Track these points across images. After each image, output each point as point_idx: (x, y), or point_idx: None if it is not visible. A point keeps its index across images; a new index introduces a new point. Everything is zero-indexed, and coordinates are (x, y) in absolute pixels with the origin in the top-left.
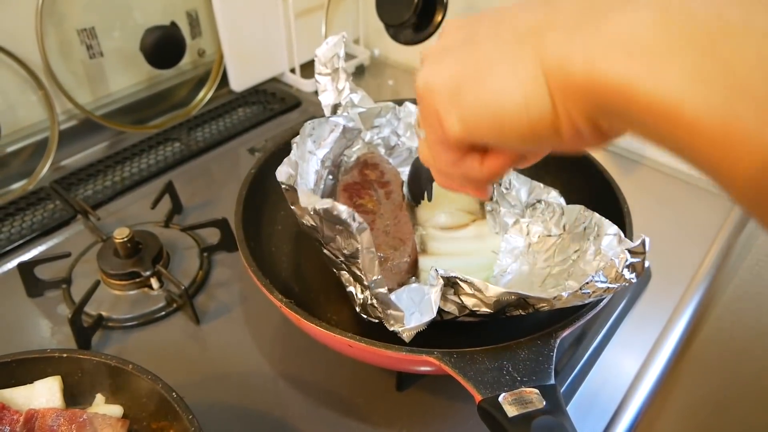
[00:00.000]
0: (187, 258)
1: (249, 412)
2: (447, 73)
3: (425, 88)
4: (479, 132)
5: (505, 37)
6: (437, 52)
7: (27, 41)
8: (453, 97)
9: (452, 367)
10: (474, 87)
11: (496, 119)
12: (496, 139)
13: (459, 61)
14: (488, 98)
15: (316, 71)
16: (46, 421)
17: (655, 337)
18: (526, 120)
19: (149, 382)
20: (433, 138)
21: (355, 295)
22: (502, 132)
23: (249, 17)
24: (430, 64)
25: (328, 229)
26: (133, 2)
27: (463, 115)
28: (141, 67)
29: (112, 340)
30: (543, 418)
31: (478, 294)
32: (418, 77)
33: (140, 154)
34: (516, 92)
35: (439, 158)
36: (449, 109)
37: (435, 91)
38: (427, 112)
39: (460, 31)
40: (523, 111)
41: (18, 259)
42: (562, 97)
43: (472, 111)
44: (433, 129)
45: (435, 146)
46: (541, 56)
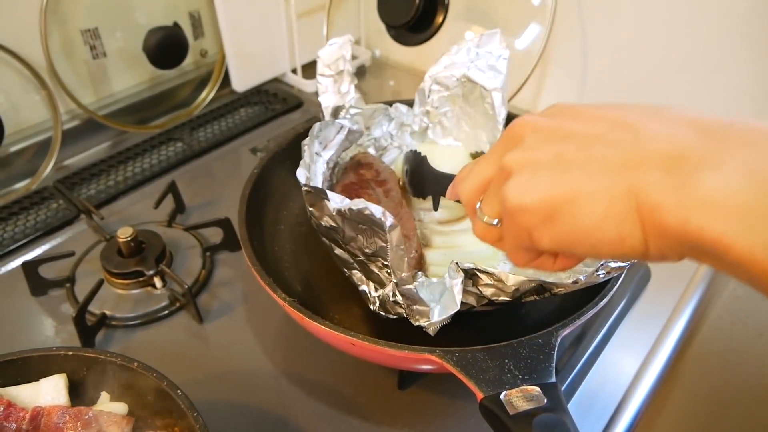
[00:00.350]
0: (190, 257)
1: (252, 410)
2: (540, 196)
3: (518, 207)
4: (572, 250)
5: (597, 166)
6: (526, 165)
7: (31, 41)
8: (547, 221)
9: (454, 365)
10: (569, 217)
11: (592, 246)
12: (588, 256)
13: (552, 185)
14: (584, 230)
15: (318, 72)
16: (52, 419)
17: (655, 336)
18: (620, 250)
19: (154, 380)
20: (516, 244)
21: (369, 293)
22: (596, 254)
23: (251, 18)
24: (521, 180)
25: (350, 230)
26: (136, 3)
27: (557, 237)
28: (144, 67)
29: (115, 339)
30: (545, 415)
31: (498, 284)
32: (509, 192)
33: (143, 154)
34: (611, 228)
35: (515, 256)
36: (543, 230)
37: (528, 212)
38: (517, 226)
39: (547, 144)
40: (617, 244)
41: (22, 258)
42: (654, 237)
43: (567, 236)
44: (519, 239)
45: (515, 249)
46: (636, 198)
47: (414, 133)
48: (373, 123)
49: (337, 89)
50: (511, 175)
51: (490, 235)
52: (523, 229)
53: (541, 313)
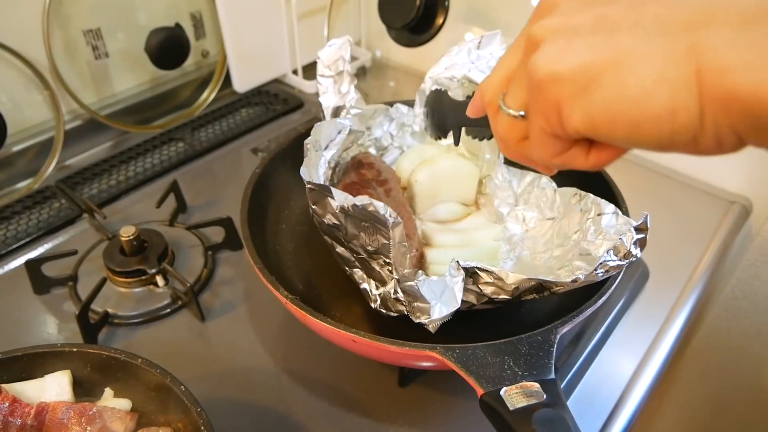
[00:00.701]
0: (192, 256)
1: (254, 407)
2: (578, 61)
3: (549, 75)
4: (608, 132)
5: (649, 27)
6: (559, 31)
7: (34, 42)
8: (583, 91)
9: (454, 361)
10: (612, 84)
11: (634, 122)
12: (625, 141)
13: (593, 49)
14: (629, 99)
15: (318, 73)
16: (57, 414)
17: (653, 335)
18: (669, 127)
19: (158, 376)
20: (543, 128)
21: (370, 291)
22: (637, 135)
23: (252, 19)
24: (554, 47)
25: (353, 227)
26: (138, 4)
27: (592, 113)
28: (145, 67)
29: (118, 337)
30: (544, 410)
31: (498, 282)
32: (538, 60)
33: (144, 154)
34: (664, 96)
35: (542, 147)
36: (576, 103)
37: (561, 80)
38: (545, 100)
39: (586, 8)
40: (667, 118)
41: (25, 256)
42: (716, 108)
43: (605, 110)
44: (547, 120)
45: (541, 135)
46: (697, 59)
47: (414, 133)
48: (374, 123)
49: (337, 89)
50: (540, 44)
51: (514, 133)
52: (551, 105)
53: (540, 310)
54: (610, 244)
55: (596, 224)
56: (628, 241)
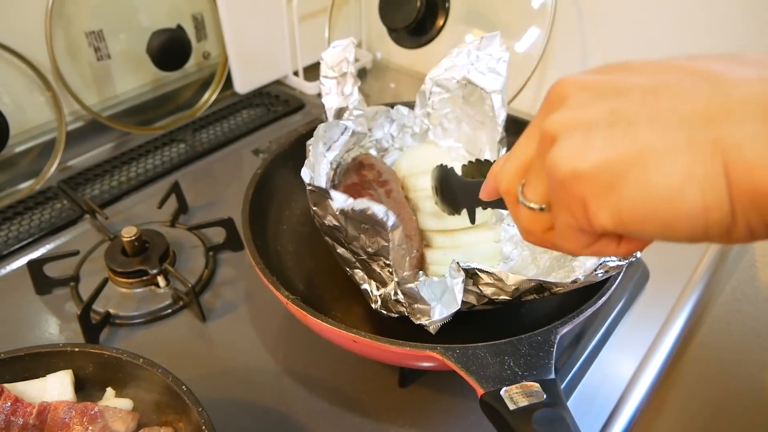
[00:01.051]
0: (193, 257)
1: (255, 406)
2: (600, 158)
3: (571, 173)
4: (638, 229)
5: (669, 121)
6: (576, 126)
7: (36, 44)
8: (609, 189)
9: (455, 362)
10: (639, 181)
11: (666, 220)
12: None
13: (613, 144)
14: (658, 197)
15: (321, 74)
16: (59, 414)
17: (653, 336)
18: (702, 224)
19: (159, 376)
20: (570, 224)
21: (371, 292)
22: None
23: (253, 20)
24: (572, 142)
25: (353, 229)
26: (140, 5)
27: (621, 212)
28: (147, 69)
29: (119, 337)
30: (544, 410)
31: (498, 283)
32: (557, 155)
33: (146, 155)
34: (694, 194)
35: (569, 241)
36: (603, 201)
37: (585, 178)
38: (569, 197)
39: (599, 101)
40: (700, 215)
41: (27, 257)
42: (746, 204)
43: (634, 208)
44: (573, 216)
45: (568, 232)
46: (723, 155)
47: (415, 134)
48: (375, 124)
49: (340, 91)
50: (556, 140)
51: (538, 225)
52: (577, 203)
53: (540, 311)
54: None
55: None
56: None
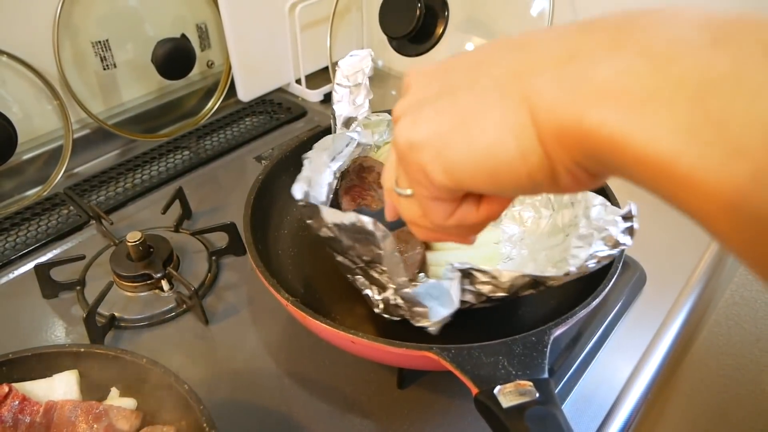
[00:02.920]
0: (197, 261)
1: (256, 407)
2: (429, 127)
3: (407, 145)
4: (472, 183)
5: (484, 84)
6: (411, 106)
7: (44, 53)
8: (440, 152)
9: (450, 361)
10: (462, 139)
11: (491, 171)
12: (491, 189)
13: (439, 112)
14: (480, 150)
15: (335, 81)
16: (65, 413)
17: (650, 338)
18: (524, 170)
19: (162, 376)
20: (425, 194)
21: (372, 297)
22: (498, 183)
23: (256, 30)
24: (407, 120)
25: (348, 239)
26: (145, 15)
27: (452, 169)
28: (152, 78)
29: (124, 340)
30: (536, 408)
31: (493, 281)
32: (397, 135)
33: (151, 162)
34: (509, 142)
35: (433, 213)
36: (436, 163)
37: (418, 148)
38: (413, 169)
39: (432, 82)
40: (519, 161)
41: (34, 261)
42: (555, 146)
43: (463, 164)
44: (422, 185)
45: (427, 202)
46: (528, 103)
47: None
48: (378, 131)
49: (352, 100)
50: (398, 120)
51: (414, 211)
52: (419, 171)
53: (535, 312)
54: (600, 235)
55: (587, 217)
56: (616, 231)
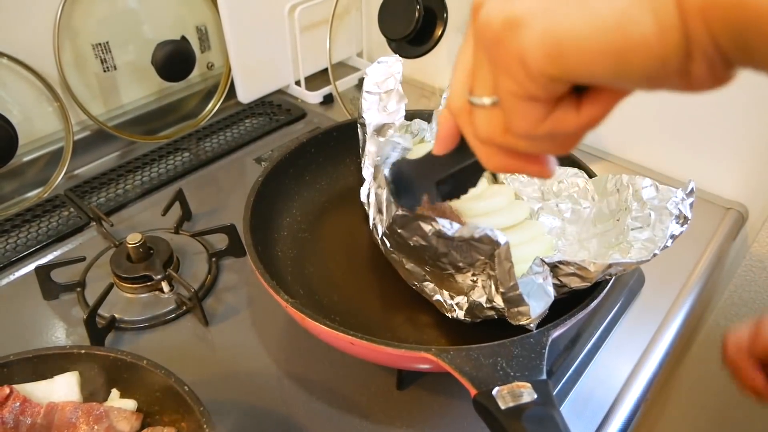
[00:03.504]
0: (197, 263)
1: (255, 409)
2: (532, 1)
3: (503, 23)
4: (589, 69)
5: None
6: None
7: (44, 55)
8: (548, 27)
9: (449, 363)
10: (579, 8)
11: (618, 51)
12: (611, 77)
13: None
14: (606, 24)
15: (364, 89)
16: (65, 414)
17: (648, 340)
18: (660, 51)
19: (162, 377)
20: (515, 90)
21: (444, 302)
22: (624, 67)
23: (256, 32)
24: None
25: (444, 247)
26: (145, 18)
27: (565, 49)
28: (152, 79)
29: (124, 341)
30: (534, 409)
31: (579, 272)
32: (485, 15)
33: (151, 164)
34: (645, 14)
35: (523, 117)
36: (542, 43)
37: (518, 25)
38: (506, 55)
39: None
40: (655, 38)
41: (34, 263)
42: (698, 22)
43: (580, 42)
44: (515, 78)
45: (516, 104)
46: None
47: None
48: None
49: (382, 107)
50: (484, 2)
51: (495, 126)
52: (514, 57)
53: None
54: (668, 213)
55: (638, 200)
56: (683, 207)
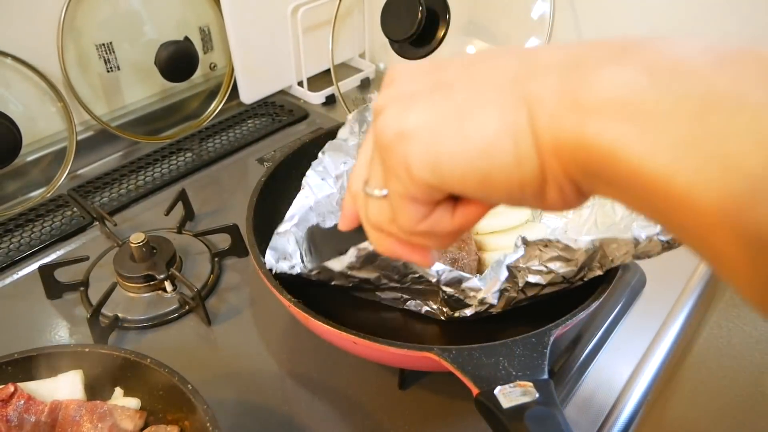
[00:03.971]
0: (199, 262)
1: (258, 408)
2: (421, 117)
3: (394, 133)
4: (460, 183)
5: (483, 83)
6: (399, 98)
7: (48, 56)
8: (429, 145)
9: (451, 362)
10: (456, 133)
11: (483, 173)
12: (478, 193)
13: (433, 105)
14: (474, 148)
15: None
16: (69, 412)
17: (649, 340)
18: (517, 177)
19: (166, 375)
20: (401, 192)
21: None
22: (487, 186)
23: (259, 32)
24: (395, 109)
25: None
26: (148, 18)
27: (441, 165)
28: (155, 80)
29: (127, 340)
30: (536, 408)
31: (564, 253)
32: (381, 125)
33: (154, 164)
34: (507, 144)
35: (405, 215)
36: (424, 156)
37: (406, 137)
38: (394, 160)
39: (423, 77)
40: (514, 166)
41: (38, 262)
42: (550, 156)
43: (453, 161)
44: (401, 181)
45: (400, 202)
46: (527, 108)
47: None
48: None
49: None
50: (383, 110)
51: (383, 215)
52: (400, 163)
53: (535, 314)
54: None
55: None
56: None
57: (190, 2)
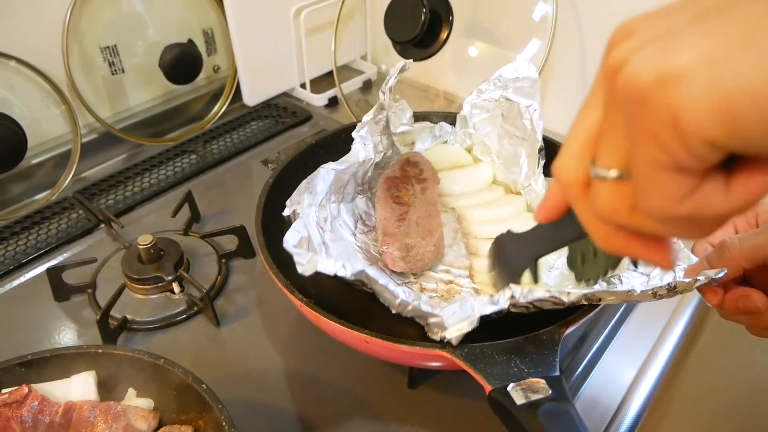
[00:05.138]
0: (207, 264)
1: (268, 407)
2: (694, 51)
3: (656, 80)
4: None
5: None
6: (652, 40)
7: (53, 58)
8: (714, 82)
9: (463, 360)
10: (758, 61)
11: None
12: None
13: (709, 33)
14: None
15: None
16: (83, 413)
17: (655, 338)
18: None
19: (180, 375)
20: (659, 159)
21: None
22: None
23: (262, 35)
24: (650, 51)
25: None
26: (152, 21)
27: (734, 107)
28: (159, 82)
29: (136, 342)
30: (550, 404)
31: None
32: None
33: (158, 166)
34: None
35: (661, 192)
36: (705, 99)
37: (675, 80)
38: (655, 119)
39: (674, 13)
40: None
41: (45, 265)
42: None
43: (756, 98)
44: (662, 145)
45: (657, 175)
46: None
47: None
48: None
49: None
50: (627, 61)
51: (620, 201)
52: (663, 119)
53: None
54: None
55: None
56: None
57: (194, 5)
